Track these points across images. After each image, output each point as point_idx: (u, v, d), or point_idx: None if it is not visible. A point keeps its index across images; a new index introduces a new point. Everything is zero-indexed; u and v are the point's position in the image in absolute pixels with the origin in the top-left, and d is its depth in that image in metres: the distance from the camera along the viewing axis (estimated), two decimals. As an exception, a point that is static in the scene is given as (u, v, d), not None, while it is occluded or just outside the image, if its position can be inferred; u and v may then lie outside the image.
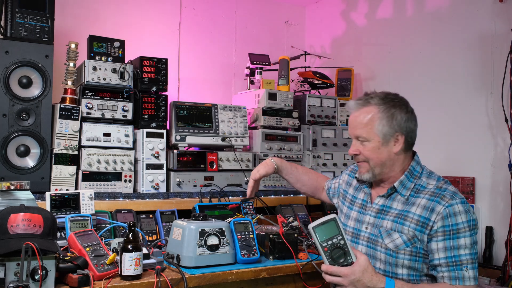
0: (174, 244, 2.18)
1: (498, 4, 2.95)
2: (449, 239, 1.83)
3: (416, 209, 1.91)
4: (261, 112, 3.32)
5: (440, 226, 1.84)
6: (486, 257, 2.88)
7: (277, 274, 2.24)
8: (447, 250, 1.83)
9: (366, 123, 1.95)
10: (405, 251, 1.89)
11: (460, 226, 1.83)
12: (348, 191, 2.25)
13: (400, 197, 1.97)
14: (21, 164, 2.59)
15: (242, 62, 3.87)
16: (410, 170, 1.99)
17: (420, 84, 3.41)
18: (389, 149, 1.96)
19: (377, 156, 1.96)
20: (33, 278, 1.71)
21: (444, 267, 1.83)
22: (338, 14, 4.16)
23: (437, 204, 1.86)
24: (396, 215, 1.95)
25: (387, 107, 1.95)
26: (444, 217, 1.83)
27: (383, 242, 1.94)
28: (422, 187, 1.96)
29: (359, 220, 2.08)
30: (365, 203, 2.10)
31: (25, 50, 2.59)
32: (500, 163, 2.91)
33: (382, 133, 1.94)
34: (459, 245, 1.82)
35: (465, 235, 1.82)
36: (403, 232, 1.90)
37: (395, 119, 1.94)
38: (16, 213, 1.84)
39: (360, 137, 1.98)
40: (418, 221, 1.88)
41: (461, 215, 1.83)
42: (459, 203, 1.85)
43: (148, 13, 3.69)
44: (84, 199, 2.38)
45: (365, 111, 1.97)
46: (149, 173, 2.85)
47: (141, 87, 2.94)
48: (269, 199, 3.13)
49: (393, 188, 1.99)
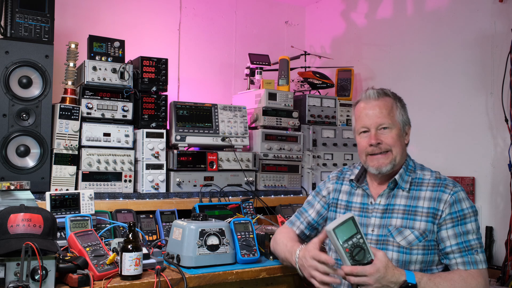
0: (174, 244, 2.18)
1: (498, 4, 2.95)
2: (458, 225, 1.88)
3: (423, 202, 1.94)
4: (261, 112, 3.32)
5: (448, 213, 1.89)
6: (486, 257, 2.88)
7: (277, 274, 2.24)
8: (457, 236, 1.88)
9: (389, 111, 1.99)
10: (418, 246, 1.90)
11: (466, 212, 1.90)
12: (340, 198, 2.18)
13: (402, 192, 1.98)
14: (21, 164, 2.59)
15: (242, 62, 3.87)
16: (406, 164, 2.04)
17: (420, 84, 3.41)
18: (403, 139, 2.03)
19: (399, 144, 1.99)
20: (33, 278, 1.71)
21: (456, 253, 1.87)
22: (338, 14, 4.16)
23: (443, 193, 1.92)
24: (404, 212, 1.95)
25: (399, 100, 2.05)
26: (451, 204, 1.90)
27: (395, 240, 1.93)
28: (420, 180, 2.00)
29: (362, 224, 2.04)
30: (366, 206, 2.06)
31: (25, 50, 2.60)
32: (500, 163, 2.90)
33: (402, 122, 2.02)
34: (467, 230, 1.88)
35: (471, 220, 1.90)
36: (414, 228, 1.92)
37: (406, 111, 2.05)
38: (16, 213, 1.84)
39: (384, 124, 1.98)
40: (428, 213, 1.92)
41: (465, 202, 1.91)
42: (461, 191, 1.94)
43: (148, 13, 3.69)
44: (84, 199, 2.38)
45: (386, 100, 2.02)
46: (149, 173, 2.85)
47: (141, 87, 2.94)
48: (269, 199, 3.13)
49: (393, 182, 2.00)
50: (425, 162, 2.09)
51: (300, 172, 3.41)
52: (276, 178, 3.30)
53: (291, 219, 2.31)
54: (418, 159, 2.13)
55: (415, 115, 3.41)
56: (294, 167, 3.39)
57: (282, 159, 3.34)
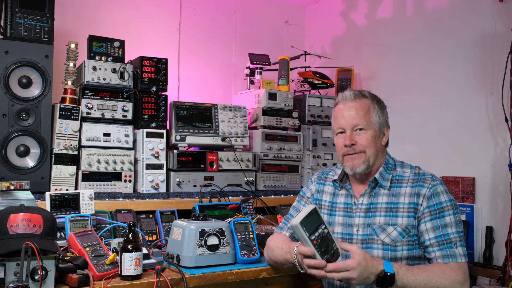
0: (174, 244, 2.18)
1: (498, 4, 2.95)
2: (436, 218, 1.91)
3: (404, 198, 1.97)
4: (261, 112, 3.32)
5: (426, 206, 1.92)
6: (486, 257, 2.88)
7: (277, 274, 2.24)
8: (435, 229, 1.90)
9: (365, 112, 2.01)
10: (402, 242, 1.92)
11: (444, 205, 1.92)
12: (323, 198, 2.18)
13: (383, 190, 2.01)
14: (21, 164, 2.59)
15: (242, 62, 3.86)
16: (385, 163, 2.06)
17: (420, 84, 3.41)
18: (380, 140, 2.04)
19: (374, 145, 2.00)
20: (33, 278, 1.71)
21: (435, 246, 1.89)
22: (338, 14, 4.16)
23: (421, 187, 1.95)
24: (386, 209, 1.98)
25: (378, 101, 2.07)
26: (429, 198, 1.93)
27: (379, 238, 1.95)
28: (400, 177, 2.03)
29: (347, 224, 2.06)
30: (350, 206, 2.07)
31: (25, 50, 2.59)
32: (500, 163, 2.90)
33: (378, 124, 2.02)
34: (445, 223, 1.90)
35: (450, 214, 1.91)
36: (397, 224, 1.94)
37: (384, 113, 2.06)
38: (16, 213, 1.84)
39: (359, 126, 1.99)
40: (409, 209, 1.94)
41: (443, 195, 1.94)
42: (440, 184, 1.96)
43: (148, 13, 3.68)
44: (84, 199, 2.38)
45: (362, 101, 2.03)
46: (149, 173, 2.85)
47: (141, 87, 2.94)
48: (269, 199, 3.13)
49: (374, 181, 2.02)
50: (425, 162, 2.10)
51: (300, 172, 3.41)
52: (276, 178, 3.30)
53: (280, 225, 2.31)
54: (418, 159, 2.14)
55: (415, 115, 3.44)
56: (294, 167, 3.39)
57: (282, 159, 3.34)
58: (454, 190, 3.07)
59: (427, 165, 2.09)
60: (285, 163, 3.35)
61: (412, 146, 3.40)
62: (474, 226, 2.97)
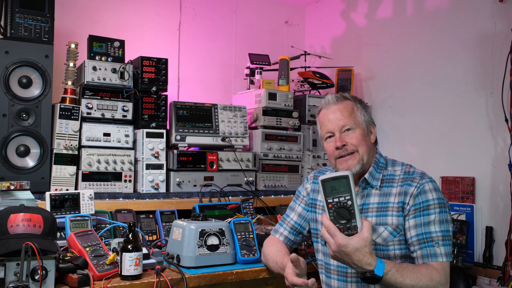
0: (174, 244, 2.18)
1: (498, 4, 2.95)
2: (420, 216, 1.88)
3: (394, 198, 1.96)
4: (261, 112, 3.32)
5: (412, 204, 1.91)
6: (486, 257, 2.88)
7: (277, 274, 2.24)
8: (417, 227, 1.88)
9: (350, 113, 2.02)
10: (393, 242, 1.91)
11: (430, 203, 1.89)
12: (318, 198, 2.17)
13: (374, 190, 2.00)
14: (21, 164, 2.59)
15: (242, 62, 3.87)
16: (376, 162, 2.05)
17: (420, 84, 3.41)
18: (369, 138, 2.04)
19: (365, 143, 2.01)
20: (33, 278, 1.71)
21: (416, 245, 1.86)
22: (338, 14, 4.16)
23: (409, 186, 1.94)
24: (377, 209, 1.97)
25: (360, 101, 2.08)
26: (415, 196, 1.91)
27: None
28: (391, 176, 2.02)
29: None
30: None
31: (25, 50, 2.59)
32: (500, 163, 2.90)
33: (365, 122, 2.03)
34: (429, 221, 1.87)
35: (435, 212, 1.88)
36: (387, 223, 1.94)
37: (368, 112, 2.08)
38: (16, 213, 1.84)
39: (347, 126, 2.00)
40: (398, 208, 1.93)
41: (431, 193, 1.91)
42: (428, 182, 1.93)
43: (148, 13, 3.68)
44: (84, 199, 2.38)
45: (345, 103, 2.05)
46: (149, 173, 2.85)
47: (141, 87, 2.94)
48: (269, 199, 3.13)
49: (364, 181, 2.02)
50: (425, 162, 2.10)
51: (300, 172, 3.41)
52: (276, 178, 3.30)
53: (275, 227, 2.31)
54: (418, 160, 2.14)
55: (415, 115, 3.44)
56: (294, 167, 3.39)
57: (282, 159, 3.34)
58: (454, 190, 3.07)
59: (427, 165, 2.09)
60: (285, 163, 3.35)
61: (412, 146, 3.39)
62: (474, 226, 2.96)
